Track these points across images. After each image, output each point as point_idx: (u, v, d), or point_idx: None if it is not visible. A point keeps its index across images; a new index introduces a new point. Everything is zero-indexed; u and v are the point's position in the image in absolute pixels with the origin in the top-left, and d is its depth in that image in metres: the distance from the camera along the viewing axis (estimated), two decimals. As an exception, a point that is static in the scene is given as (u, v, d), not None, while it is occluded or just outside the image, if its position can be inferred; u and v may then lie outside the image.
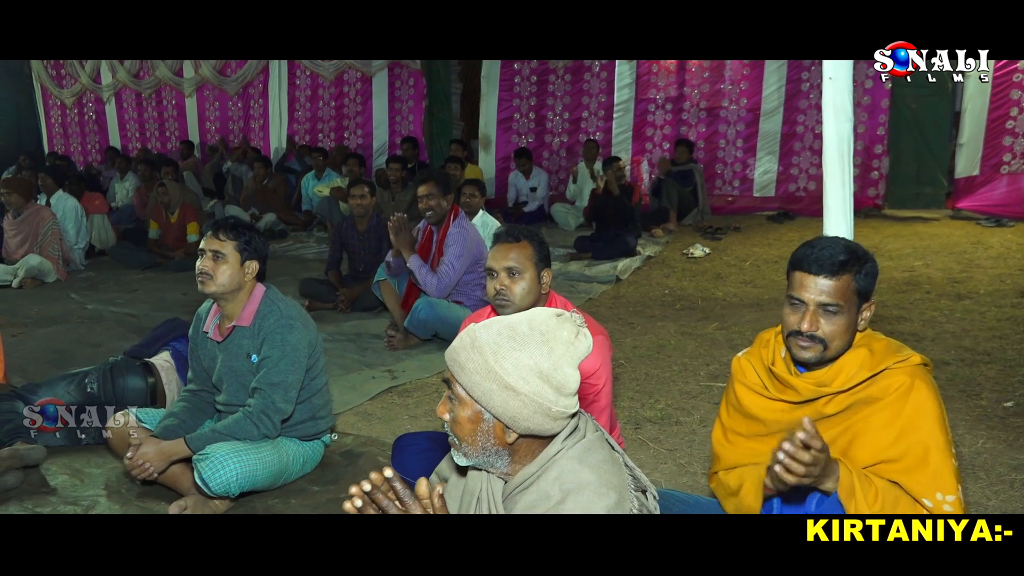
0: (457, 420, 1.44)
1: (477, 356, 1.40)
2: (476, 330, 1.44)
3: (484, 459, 1.46)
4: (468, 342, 1.42)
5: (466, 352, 1.42)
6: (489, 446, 1.44)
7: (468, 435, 1.44)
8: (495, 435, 1.43)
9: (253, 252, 2.79)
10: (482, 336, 1.42)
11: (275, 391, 2.74)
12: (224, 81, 11.63)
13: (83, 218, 7.46)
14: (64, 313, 5.62)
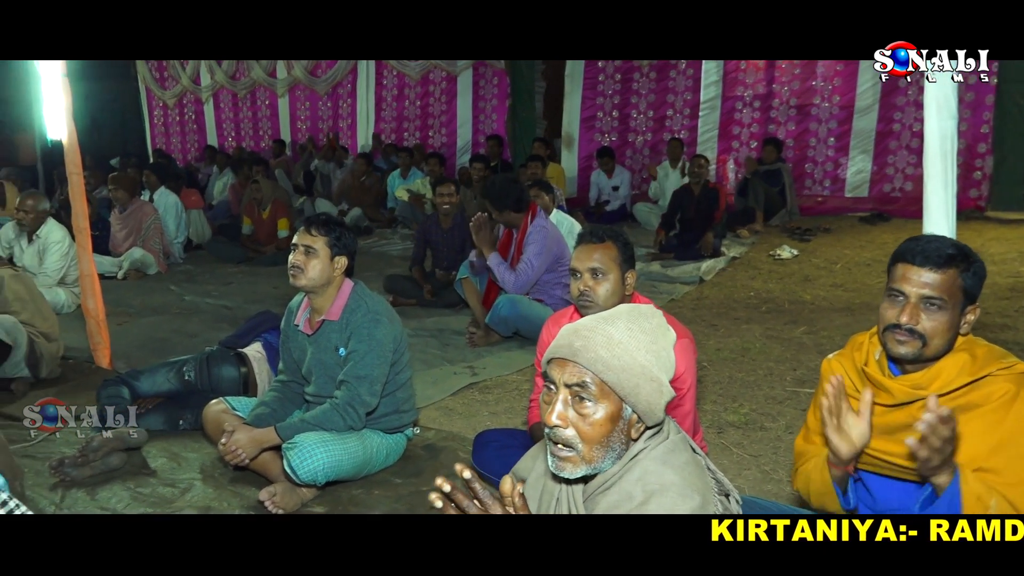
0: (592, 422, 1.38)
1: (621, 352, 1.38)
2: (603, 328, 1.41)
3: (602, 464, 1.41)
4: (603, 340, 1.39)
5: (607, 350, 1.38)
6: (617, 444, 1.41)
7: (602, 436, 1.39)
8: (626, 431, 1.41)
9: (343, 248, 2.87)
10: (615, 333, 1.40)
11: (361, 384, 2.81)
12: (315, 82, 11.97)
13: (182, 213, 7.82)
14: (164, 304, 5.90)
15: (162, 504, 2.80)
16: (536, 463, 1.62)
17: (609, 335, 1.40)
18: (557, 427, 1.40)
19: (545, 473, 1.54)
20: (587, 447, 1.40)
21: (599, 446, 1.40)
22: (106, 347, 4.29)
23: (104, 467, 2.98)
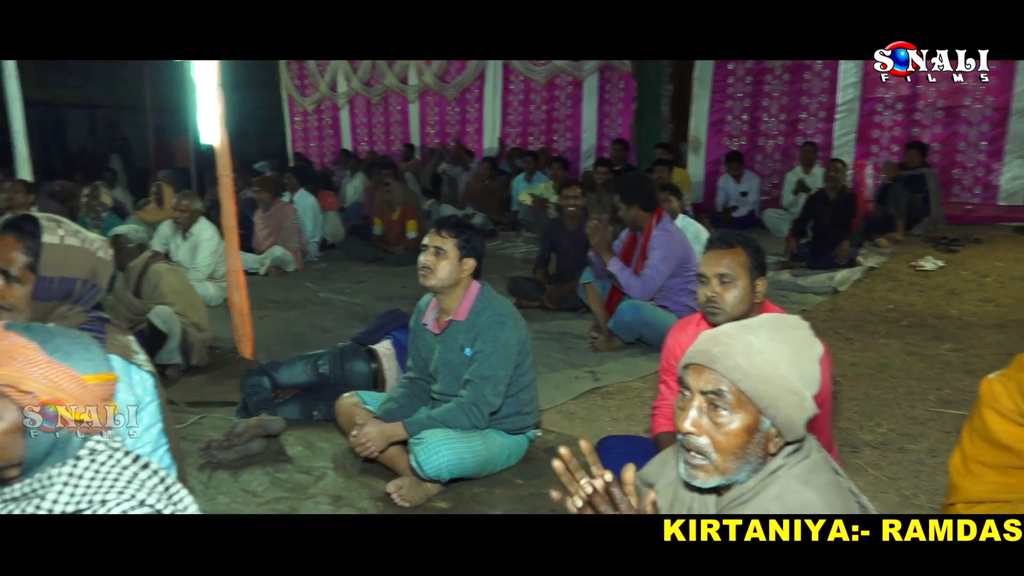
0: (726, 432, 1.35)
1: (762, 362, 1.35)
2: (743, 335, 1.39)
3: (737, 475, 1.38)
4: (743, 348, 1.36)
5: (747, 358, 1.35)
6: (753, 457, 1.37)
7: (737, 447, 1.36)
8: (763, 444, 1.37)
9: (471, 250, 2.93)
10: (756, 341, 1.37)
11: (486, 384, 2.86)
12: (444, 87, 12.28)
13: (319, 214, 8.22)
14: (301, 299, 6.21)
15: (297, 490, 2.95)
16: (665, 469, 1.59)
17: (749, 343, 1.37)
18: (690, 434, 1.37)
19: (676, 481, 1.52)
20: (721, 457, 1.37)
21: (733, 457, 1.36)
22: (249, 339, 4.57)
23: (246, 452, 3.17)
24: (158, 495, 1.39)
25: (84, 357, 1.38)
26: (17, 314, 1.92)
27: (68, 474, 1.35)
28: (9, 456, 1.33)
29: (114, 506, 1.33)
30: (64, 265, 1.94)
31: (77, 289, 1.96)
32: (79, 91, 19.79)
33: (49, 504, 1.32)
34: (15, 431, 1.32)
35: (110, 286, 5.58)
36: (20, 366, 1.31)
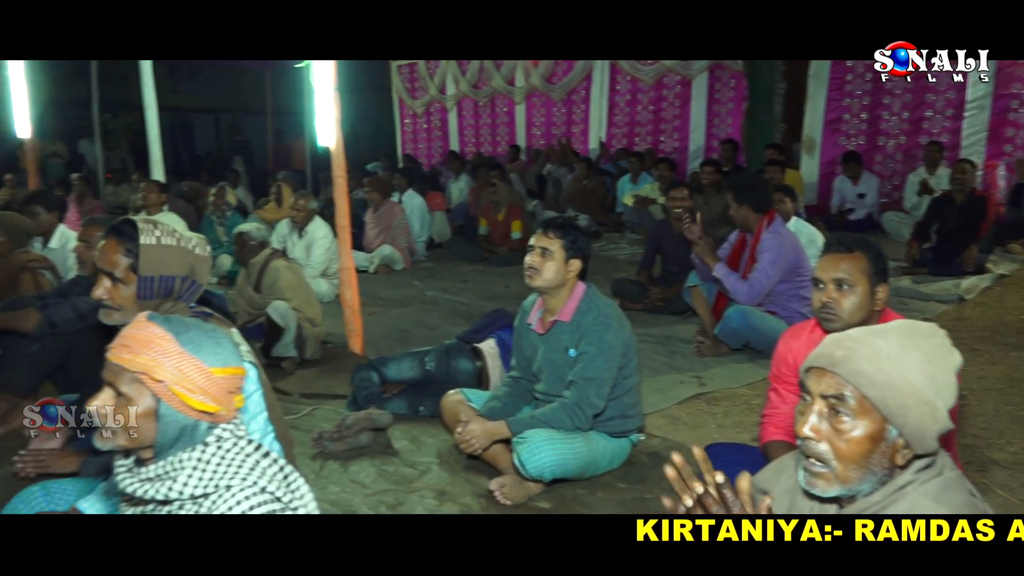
0: (848, 439, 1.30)
1: (889, 367, 1.29)
2: (871, 340, 1.33)
3: (860, 486, 1.33)
4: (869, 352, 1.31)
5: (872, 363, 1.30)
6: (878, 468, 1.31)
7: (859, 456, 1.30)
8: (889, 455, 1.31)
9: (577, 251, 2.93)
10: (884, 346, 1.31)
11: (589, 386, 2.85)
12: (551, 88, 12.31)
13: (426, 214, 8.40)
14: (407, 297, 6.37)
15: (403, 483, 3.03)
16: (781, 477, 1.54)
17: (876, 348, 1.31)
18: (809, 439, 1.33)
19: (793, 489, 1.47)
20: (842, 465, 1.31)
21: (856, 466, 1.31)
22: (359, 334, 4.72)
23: (355, 444, 3.28)
24: (277, 483, 1.46)
25: (214, 351, 1.46)
26: (125, 313, 2.03)
27: (197, 459, 1.43)
28: (143, 438, 1.42)
29: (238, 491, 1.41)
30: (163, 264, 2.05)
31: (177, 287, 2.07)
32: (205, 97, 20.98)
33: (180, 486, 1.41)
34: (149, 415, 1.41)
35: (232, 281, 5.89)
36: (154, 355, 1.40)
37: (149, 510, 1.49)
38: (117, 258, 2.04)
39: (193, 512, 1.42)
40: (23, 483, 2.67)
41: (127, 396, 1.41)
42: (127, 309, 2.03)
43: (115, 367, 1.42)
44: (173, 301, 2.08)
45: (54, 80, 11.21)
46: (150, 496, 1.43)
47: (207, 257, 2.16)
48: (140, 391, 1.41)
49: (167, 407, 1.41)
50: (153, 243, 2.04)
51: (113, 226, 2.10)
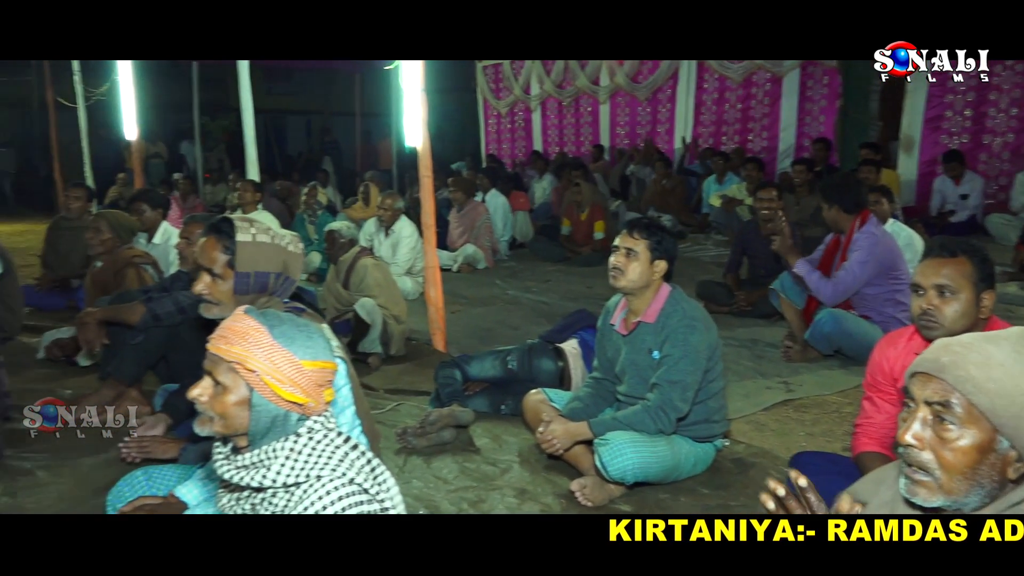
0: (954, 448, 1.25)
1: (1001, 375, 1.23)
2: (982, 345, 1.27)
3: (965, 499, 1.26)
4: (979, 359, 1.25)
5: (982, 370, 1.23)
6: (987, 481, 1.25)
7: (966, 467, 1.24)
8: (999, 468, 1.24)
9: (663, 252, 2.89)
10: (997, 353, 1.25)
11: (673, 389, 2.81)
12: (635, 87, 12.18)
13: (509, 214, 8.45)
14: (490, 296, 6.42)
15: (485, 480, 3.05)
16: (881, 488, 1.48)
17: (988, 354, 1.24)
18: (912, 447, 1.27)
19: (893, 500, 1.40)
20: (947, 475, 1.25)
21: (961, 477, 1.24)
22: (442, 332, 4.79)
23: (438, 440, 3.33)
24: (365, 475, 1.50)
25: (305, 344, 1.51)
26: (224, 308, 2.13)
27: (289, 449, 1.49)
28: (237, 425, 1.50)
29: (327, 481, 1.45)
30: (258, 261, 2.13)
31: (271, 282, 2.16)
32: (297, 99, 21.64)
33: (273, 475, 1.46)
34: (243, 403, 1.48)
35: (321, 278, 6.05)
36: (248, 346, 1.47)
37: (244, 496, 1.56)
38: (216, 255, 2.14)
39: (285, 500, 1.48)
40: (128, 467, 2.82)
41: (224, 385, 1.48)
42: (225, 304, 2.13)
43: (213, 357, 1.50)
44: (268, 296, 2.16)
45: (156, 84, 11.78)
46: (245, 483, 1.49)
47: (300, 254, 2.23)
48: (235, 380, 1.48)
49: (259, 397, 1.47)
50: (249, 240, 2.13)
51: (212, 224, 2.19)
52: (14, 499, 2.87)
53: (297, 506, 1.44)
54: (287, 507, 1.46)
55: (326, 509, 1.42)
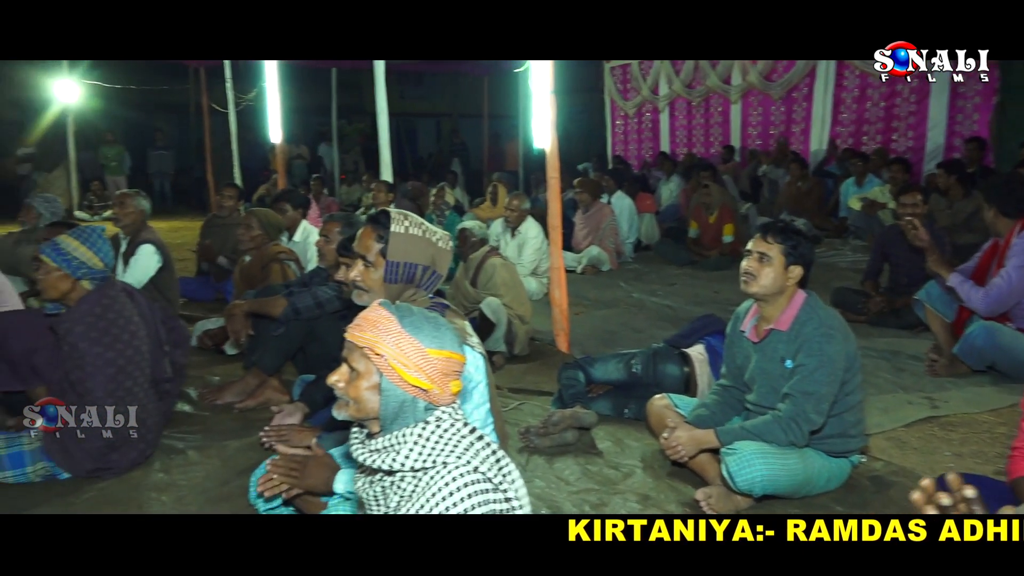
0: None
1: None
2: None
3: None
4: None
5: None
6: None
7: None
8: None
9: (799, 257, 2.78)
10: None
11: (807, 400, 2.69)
12: (769, 86, 11.76)
13: (635, 216, 8.36)
14: (614, 299, 6.37)
15: (607, 484, 3.03)
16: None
17: None
18: None
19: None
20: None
21: None
22: (566, 333, 4.79)
23: (561, 441, 3.34)
24: (490, 464, 1.55)
25: (432, 334, 1.59)
26: (373, 295, 2.27)
27: (418, 435, 1.57)
28: (368, 409, 1.60)
29: (453, 468, 1.51)
30: (408, 251, 2.23)
31: (419, 275, 2.25)
32: (427, 102, 22.30)
33: (402, 458, 1.55)
34: (374, 388, 1.58)
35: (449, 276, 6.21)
36: (377, 333, 1.58)
37: (376, 479, 1.65)
38: (370, 243, 2.28)
39: (412, 484, 1.55)
40: (268, 452, 2.99)
41: (357, 371, 1.59)
42: (375, 291, 2.26)
43: (349, 344, 1.62)
44: (415, 288, 2.26)
45: (299, 90, 12.43)
46: (377, 466, 1.59)
47: (448, 251, 2.33)
48: (367, 366, 1.58)
49: (388, 382, 1.56)
50: (401, 232, 2.24)
51: (371, 216, 2.33)
52: (168, 475, 3.10)
53: (424, 492, 1.51)
54: (414, 491, 1.54)
55: (452, 495, 1.48)
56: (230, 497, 2.86)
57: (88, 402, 2.88)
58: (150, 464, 3.15)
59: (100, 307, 2.92)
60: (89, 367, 2.86)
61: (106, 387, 2.90)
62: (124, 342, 2.96)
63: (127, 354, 2.97)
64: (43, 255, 2.91)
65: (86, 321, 2.87)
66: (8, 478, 2.92)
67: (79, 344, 2.85)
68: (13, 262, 5.27)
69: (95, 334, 2.87)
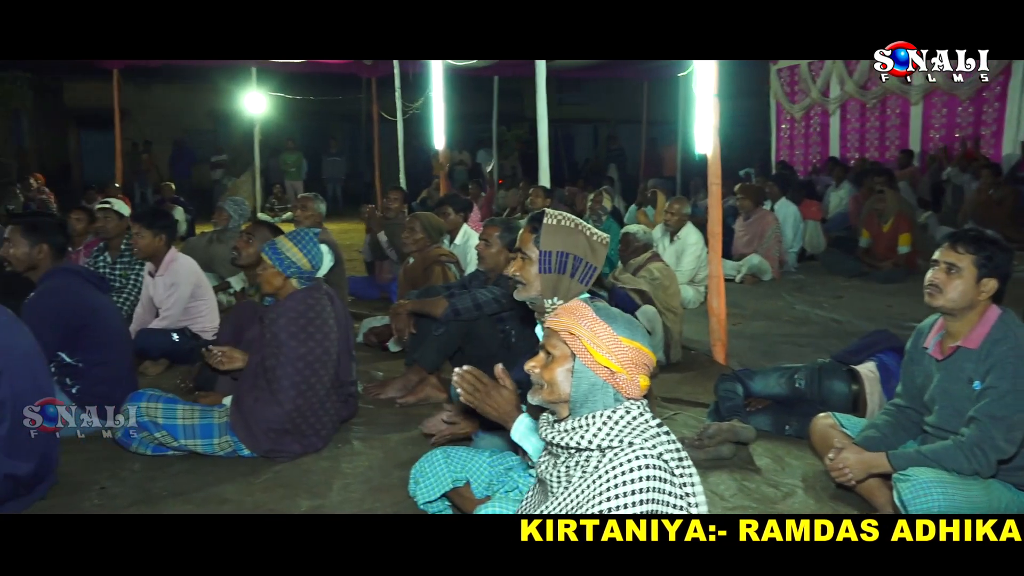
0: None
1: None
2: None
3: None
4: None
5: None
6: None
7: None
8: None
9: (993, 269, 2.54)
10: None
11: (996, 426, 2.46)
12: (956, 86, 10.87)
13: (800, 223, 7.99)
14: (775, 310, 6.11)
15: (765, 502, 2.91)
16: None
17: None
18: None
19: None
20: None
21: None
22: (723, 344, 4.65)
23: (716, 455, 3.24)
24: (672, 456, 1.62)
25: (624, 324, 1.71)
26: (530, 288, 2.36)
27: (607, 417, 1.65)
28: (561, 392, 1.70)
29: (638, 448, 1.58)
30: (557, 241, 2.31)
31: (570, 264, 2.31)
32: (585, 108, 22.37)
33: (590, 436, 1.64)
34: (567, 371, 1.69)
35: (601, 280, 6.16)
36: (573, 317, 1.71)
37: (560, 460, 1.73)
38: (527, 236, 2.39)
39: (596, 461, 1.62)
40: (427, 448, 3.09)
41: (553, 355, 1.72)
42: (531, 284, 2.36)
43: (547, 331, 1.75)
44: (568, 278, 2.29)
45: (462, 98, 12.84)
46: (565, 443, 1.68)
47: (602, 245, 2.37)
48: (563, 350, 1.70)
49: (580, 364, 1.67)
50: (553, 224, 2.34)
51: (531, 215, 2.44)
52: (335, 464, 3.29)
53: (606, 467, 1.58)
54: (597, 468, 1.60)
55: (632, 473, 1.54)
56: (391, 488, 2.99)
57: (275, 388, 3.17)
58: (319, 452, 3.36)
59: (304, 305, 3.22)
60: (283, 357, 3.16)
61: (293, 378, 3.17)
62: (316, 341, 3.23)
63: (316, 352, 3.22)
64: (263, 254, 3.26)
65: (289, 316, 3.18)
66: (198, 446, 3.24)
67: (280, 335, 3.16)
68: (207, 259, 5.79)
69: (294, 329, 3.17)
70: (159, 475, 3.15)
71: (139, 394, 3.24)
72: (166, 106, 19.57)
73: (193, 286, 4.60)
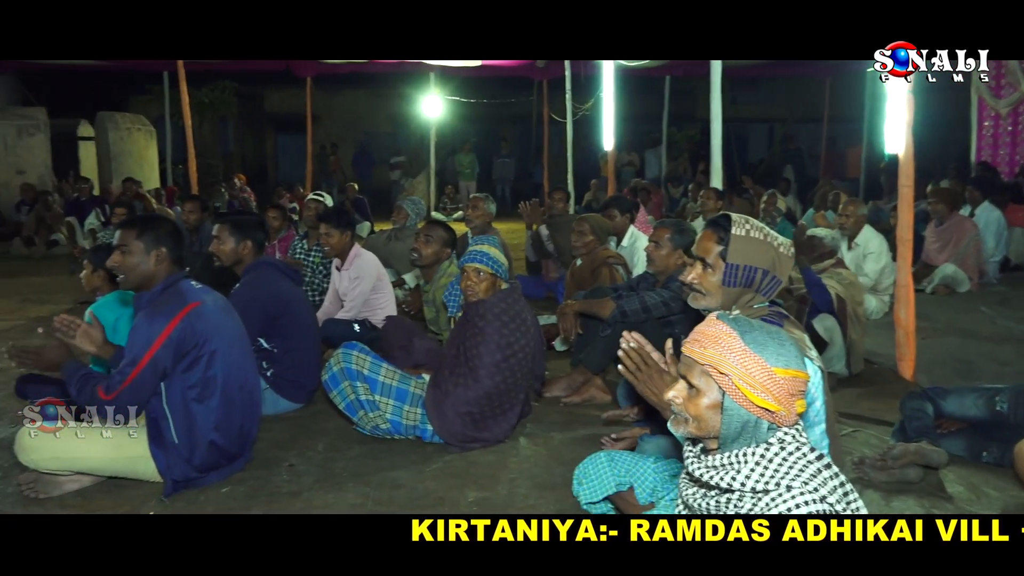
0: None
1: None
2: None
3: None
4: None
5: None
6: None
7: None
8: None
9: None
10: None
11: None
12: None
13: (1004, 230, 7.27)
14: (972, 325, 5.60)
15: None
16: None
17: None
18: None
19: None
20: None
21: None
22: (911, 359, 4.33)
23: (902, 477, 3.02)
24: (838, 496, 1.45)
25: (777, 351, 1.51)
26: (710, 298, 2.23)
27: (760, 455, 1.50)
28: (709, 428, 1.55)
29: (797, 494, 1.43)
30: (748, 255, 2.17)
31: (758, 279, 2.17)
32: (762, 106, 21.52)
33: (742, 478, 1.49)
34: (715, 407, 1.53)
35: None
36: (720, 351, 1.51)
37: (711, 495, 1.61)
38: (710, 245, 2.25)
39: (751, 504, 1.49)
40: (594, 448, 3.10)
41: (697, 388, 1.55)
42: (712, 294, 2.23)
43: (687, 360, 1.57)
44: (753, 292, 2.19)
45: (632, 98, 12.73)
46: (715, 483, 1.54)
47: (789, 257, 2.23)
48: (708, 384, 1.53)
49: (731, 401, 1.50)
50: (742, 235, 2.19)
51: (712, 220, 2.32)
52: (501, 458, 3.37)
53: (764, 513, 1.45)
54: (751, 512, 1.48)
55: None
56: (555, 486, 3.03)
57: (475, 366, 3.36)
58: (486, 446, 3.46)
59: (507, 302, 3.45)
60: (485, 345, 3.35)
61: (495, 355, 3.35)
62: (517, 334, 3.42)
63: (515, 345, 3.40)
64: (479, 264, 3.45)
65: (496, 311, 3.40)
66: (389, 405, 3.45)
67: (487, 328, 3.37)
68: (386, 255, 6.11)
69: (498, 323, 3.38)
70: (339, 456, 3.38)
71: (352, 344, 3.54)
72: (351, 111, 20.91)
73: (374, 279, 4.89)
